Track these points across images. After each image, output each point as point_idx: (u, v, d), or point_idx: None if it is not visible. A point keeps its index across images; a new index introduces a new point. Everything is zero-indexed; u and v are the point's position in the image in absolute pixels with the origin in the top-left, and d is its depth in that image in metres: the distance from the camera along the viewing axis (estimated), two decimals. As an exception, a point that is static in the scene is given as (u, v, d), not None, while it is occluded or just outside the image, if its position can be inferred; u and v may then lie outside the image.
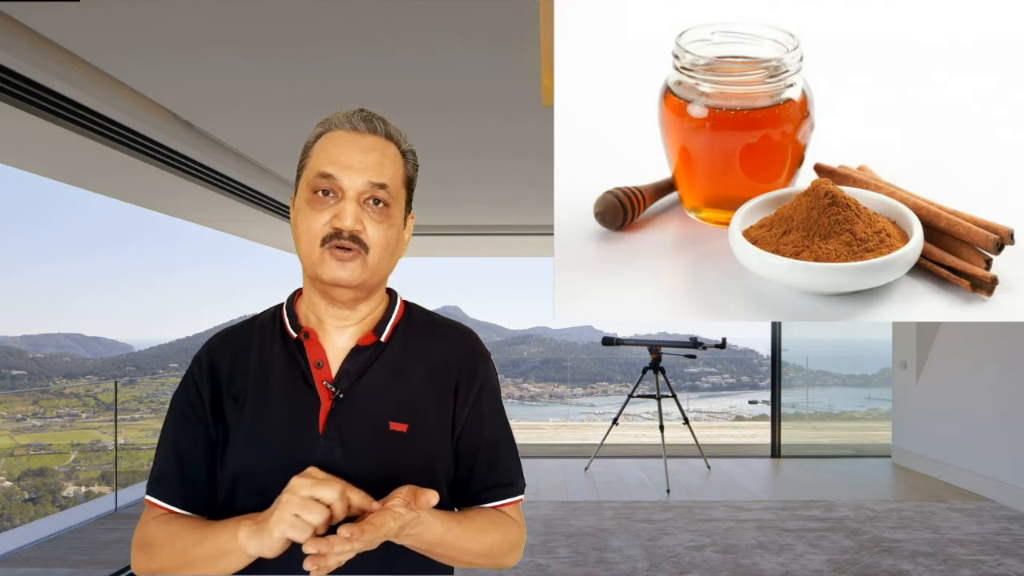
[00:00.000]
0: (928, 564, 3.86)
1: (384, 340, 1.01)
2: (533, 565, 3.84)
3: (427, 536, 0.89)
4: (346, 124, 0.97)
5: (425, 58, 2.64)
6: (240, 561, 0.87)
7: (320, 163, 0.95)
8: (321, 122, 0.99)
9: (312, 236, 0.94)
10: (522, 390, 13.63)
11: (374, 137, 0.97)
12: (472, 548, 0.96)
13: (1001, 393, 5.24)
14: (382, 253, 0.96)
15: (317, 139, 0.98)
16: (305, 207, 0.95)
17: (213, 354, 1.02)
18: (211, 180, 4.14)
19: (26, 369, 19.75)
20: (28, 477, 9.99)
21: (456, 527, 0.94)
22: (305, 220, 0.94)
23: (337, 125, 0.97)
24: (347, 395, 0.96)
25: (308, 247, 0.94)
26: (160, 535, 0.94)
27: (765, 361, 8.72)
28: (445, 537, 0.92)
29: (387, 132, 0.98)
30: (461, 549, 0.95)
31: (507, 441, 1.06)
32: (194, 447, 0.97)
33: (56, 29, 2.33)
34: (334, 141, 0.96)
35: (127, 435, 7.91)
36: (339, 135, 0.96)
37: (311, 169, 0.96)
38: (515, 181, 4.85)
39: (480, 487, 1.02)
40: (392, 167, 0.97)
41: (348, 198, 0.93)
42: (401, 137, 1.00)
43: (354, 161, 0.94)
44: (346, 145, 0.95)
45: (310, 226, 0.94)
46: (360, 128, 0.96)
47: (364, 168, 0.94)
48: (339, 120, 0.97)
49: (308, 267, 0.96)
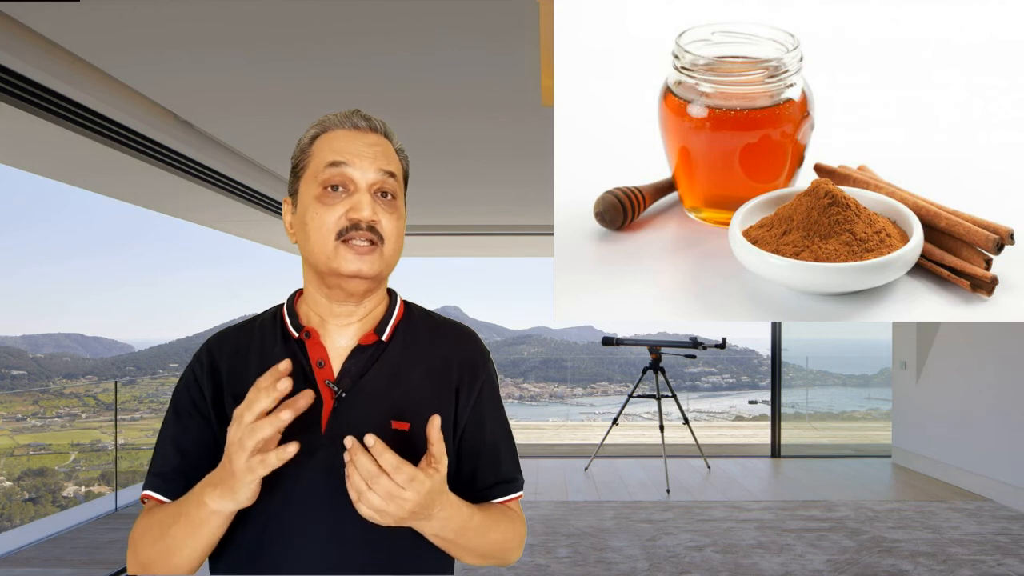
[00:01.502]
0: (928, 564, 3.86)
1: (386, 340, 1.01)
2: (533, 565, 3.84)
3: (456, 520, 0.89)
4: (345, 123, 0.97)
5: (425, 58, 2.64)
6: (221, 524, 0.87)
7: (327, 155, 0.95)
8: (315, 123, 0.99)
9: (326, 231, 0.93)
10: (522, 390, 13.63)
11: (374, 134, 0.98)
12: (491, 537, 0.97)
13: (1001, 393, 5.24)
14: (395, 244, 0.98)
15: (314, 139, 0.98)
16: (315, 203, 0.94)
17: (213, 352, 1.02)
18: (211, 180, 4.14)
19: (26, 369, 19.76)
20: (28, 477, 10.00)
21: (478, 514, 0.94)
22: (317, 216, 0.94)
23: (336, 124, 0.98)
24: (349, 394, 0.96)
25: (321, 243, 0.94)
26: (145, 526, 0.93)
27: (765, 361, 8.73)
28: (470, 522, 0.92)
29: (384, 131, 1.00)
30: (482, 537, 0.95)
31: (507, 439, 1.08)
32: (195, 443, 0.97)
33: (56, 29, 2.33)
34: (335, 138, 0.96)
35: (127, 435, 7.92)
36: (339, 133, 0.97)
37: (316, 164, 0.96)
38: (515, 181, 4.85)
39: (484, 485, 1.03)
40: (395, 160, 1.00)
41: (361, 190, 0.94)
42: (394, 136, 1.02)
43: (363, 152, 0.95)
44: (350, 140, 0.96)
45: (323, 221, 0.93)
46: (360, 126, 0.98)
47: (373, 158, 0.95)
48: (337, 120, 0.98)
49: (322, 262, 0.95)
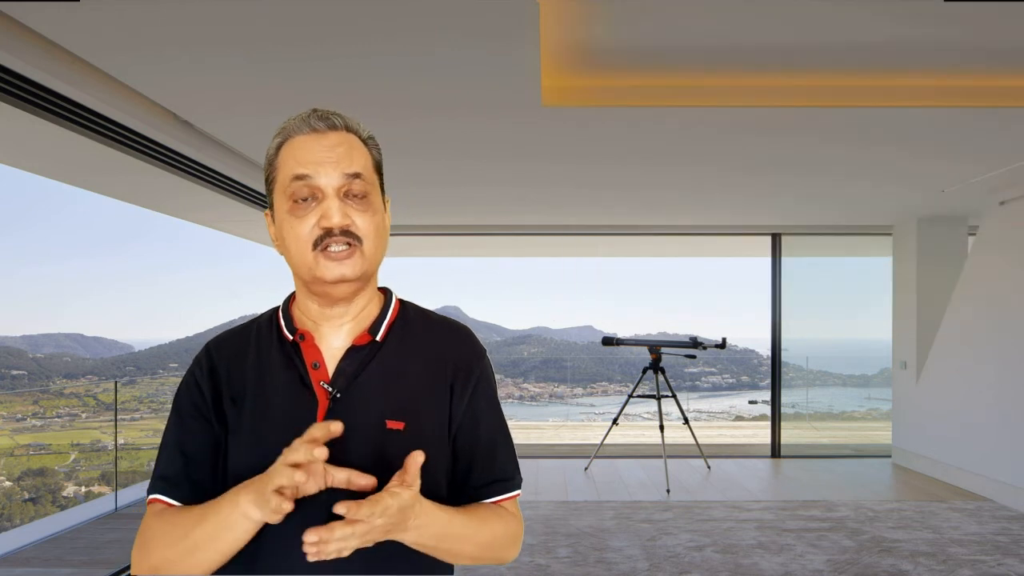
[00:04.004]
0: (928, 564, 3.86)
1: (380, 339, 1.01)
2: (533, 565, 3.84)
3: (433, 527, 0.89)
4: (304, 128, 0.96)
5: (425, 58, 2.64)
6: (246, 531, 0.87)
7: (291, 168, 0.94)
8: (277, 132, 0.98)
9: (302, 243, 0.94)
10: (522, 390, 13.62)
11: (335, 133, 0.96)
12: (477, 539, 0.97)
13: (1001, 393, 5.24)
14: (375, 241, 0.97)
15: (278, 149, 0.97)
16: (288, 217, 0.95)
17: (212, 355, 1.02)
18: (211, 180, 4.15)
19: (26, 369, 19.74)
20: (28, 477, 9.99)
21: (459, 517, 0.94)
22: (292, 229, 0.94)
23: (295, 131, 0.96)
24: (344, 395, 0.97)
25: (301, 254, 0.94)
26: (158, 528, 0.93)
27: (765, 361, 8.72)
28: (449, 528, 0.92)
29: (346, 125, 0.98)
30: (467, 540, 0.95)
31: (504, 437, 1.07)
32: (199, 445, 0.97)
33: (56, 29, 2.33)
34: (297, 146, 0.95)
35: (127, 435, 7.92)
36: (300, 140, 0.96)
37: (283, 178, 0.96)
38: (515, 181, 4.85)
39: (479, 483, 1.03)
40: (361, 156, 0.97)
41: (329, 196, 0.93)
42: (359, 126, 1.00)
43: (324, 158, 0.94)
44: (311, 147, 0.95)
45: (298, 234, 0.94)
46: (319, 128, 0.96)
47: (336, 162, 0.94)
48: (296, 125, 0.96)
49: (304, 272, 0.96)
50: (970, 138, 3.82)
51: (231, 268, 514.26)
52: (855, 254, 7.90)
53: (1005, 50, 2.69)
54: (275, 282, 2.34)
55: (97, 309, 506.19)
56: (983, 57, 2.77)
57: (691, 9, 2.35)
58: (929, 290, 6.35)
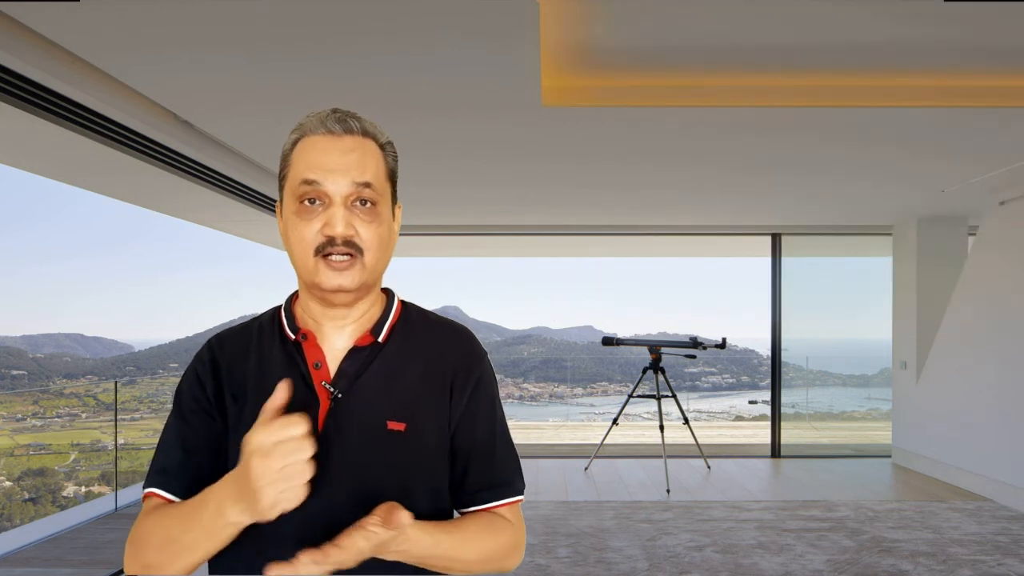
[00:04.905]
0: (928, 564, 3.86)
1: (382, 341, 1.01)
2: (533, 565, 3.84)
3: (415, 551, 0.89)
4: (321, 128, 0.95)
5: (425, 58, 2.64)
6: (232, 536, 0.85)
7: (301, 171, 0.93)
8: (295, 127, 0.97)
9: (305, 246, 0.93)
10: (522, 390, 13.62)
11: (351, 137, 0.95)
12: (466, 557, 0.95)
13: (1000, 393, 5.24)
14: (377, 253, 0.96)
15: (294, 146, 0.96)
16: (294, 218, 0.94)
17: (215, 351, 1.02)
18: (211, 180, 4.15)
19: (26, 369, 19.73)
20: (28, 477, 9.99)
21: (446, 539, 0.93)
22: (296, 231, 0.94)
23: (311, 130, 0.95)
24: (345, 395, 0.96)
25: (303, 257, 0.94)
26: (149, 528, 0.91)
27: (765, 361, 8.72)
28: (435, 550, 0.91)
29: (363, 129, 0.96)
30: (455, 559, 0.94)
31: (503, 441, 1.06)
32: (200, 440, 0.97)
33: (56, 29, 2.33)
34: (312, 147, 0.94)
35: (127, 435, 7.91)
36: (315, 140, 0.94)
37: (293, 178, 0.95)
38: (515, 181, 4.85)
39: (475, 487, 1.02)
40: (374, 164, 0.96)
41: (335, 204, 0.92)
42: (377, 131, 0.98)
43: (335, 165, 0.92)
44: (325, 150, 0.93)
45: (302, 236, 0.93)
46: (336, 130, 0.94)
47: (347, 170, 0.93)
48: (313, 124, 0.95)
49: (305, 276, 0.96)
50: (970, 138, 3.82)
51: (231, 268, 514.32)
52: (855, 254, 7.90)
53: (1005, 50, 2.69)
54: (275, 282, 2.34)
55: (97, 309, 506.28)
56: (983, 57, 2.77)
57: (691, 9, 2.35)
58: (929, 290, 6.35)
